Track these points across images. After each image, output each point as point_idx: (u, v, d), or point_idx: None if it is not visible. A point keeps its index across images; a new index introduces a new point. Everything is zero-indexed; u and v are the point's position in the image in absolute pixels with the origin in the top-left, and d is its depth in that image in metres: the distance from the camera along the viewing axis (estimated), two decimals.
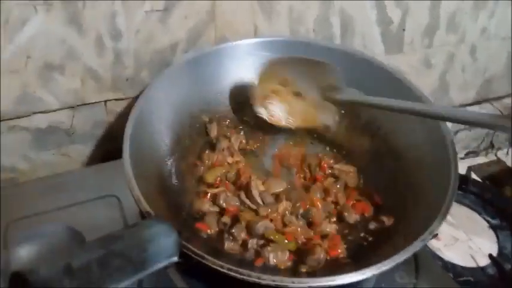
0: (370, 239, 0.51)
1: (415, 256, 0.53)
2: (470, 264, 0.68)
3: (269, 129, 0.61)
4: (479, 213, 0.77)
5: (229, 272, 0.38)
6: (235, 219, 0.50)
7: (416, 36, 0.77)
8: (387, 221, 0.52)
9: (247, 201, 0.51)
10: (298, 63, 0.57)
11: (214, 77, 0.61)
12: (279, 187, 0.54)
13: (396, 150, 0.57)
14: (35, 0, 0.49)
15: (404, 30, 0.74)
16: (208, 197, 0.52)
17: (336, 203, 0.54)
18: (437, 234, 0.68)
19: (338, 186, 0.56)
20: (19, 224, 0.52)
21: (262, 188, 0.53)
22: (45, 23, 0.51)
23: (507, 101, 0.97)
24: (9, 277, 0.31)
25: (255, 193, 0.51)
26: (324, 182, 0.57)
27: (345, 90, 0.56)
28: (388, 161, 0.57)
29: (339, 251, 0.48)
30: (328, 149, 0.61)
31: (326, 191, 0.55)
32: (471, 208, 0.77)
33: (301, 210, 0.52)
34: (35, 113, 0.57)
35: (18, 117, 0.57)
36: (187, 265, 0.40)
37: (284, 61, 0.57)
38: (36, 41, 0.52)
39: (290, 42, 0.63)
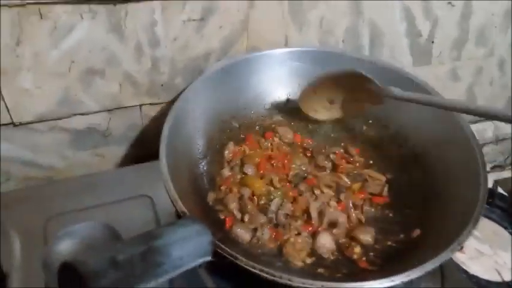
0: (398, 248, 0.51)
1: (441, 267, 0.53)
2: (495, 278, 0.67)
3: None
4: (505, 228, 0.76)
5: (261, 273, 0.39)
6: None
7: (445, 48, 0.77)
8: (414, 232, 0.52)
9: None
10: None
11: (244, 85, 0.63)
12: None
13: (424, 161, 0.58)
14: (82, 6, 0.52)
15: (433, 42, 0.75)
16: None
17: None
18: (462, 246, 0.68)
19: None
20: (57, 220, 0.54)
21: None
22: (90, 30, 0.54)
23: None
24: (59, 268, 0.33)
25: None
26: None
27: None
28: (416, 172, 0.58)
29: None
30: (356, 158, 0.62)
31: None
32: (497, 222, 0.77)
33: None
34: (74, 114, 0.60)
35: (59, 118, 0.60)
36: (217, 265, 0.42)
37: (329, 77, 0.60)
38: (80, 46, 0.55)
39: (320, 52, 0.65)
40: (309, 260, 0.48)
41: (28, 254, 0.50)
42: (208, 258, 0.40)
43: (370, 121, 0.64)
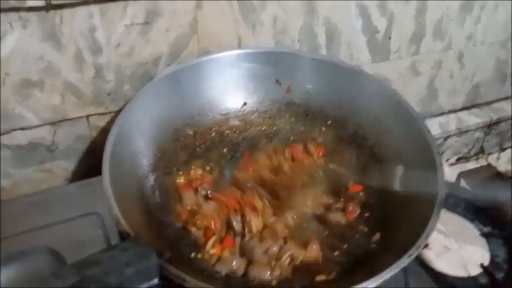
0: (357, 254, 0.49)
1: (405, 269, 0.52)
2: (462, 273, 0.67)
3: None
4: (471, 221, 0.76)
5: None
6: None
7: (403, 44, 0.76)
8: (374, 237, 0.51)
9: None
10: None
11: (198, 90, 0.60)
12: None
13: (383, 161, 0.57)
14: (10, 14, 0.48)
15: (390, 38, 0.74)
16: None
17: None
18: (427, 244, 0.68)
19: None
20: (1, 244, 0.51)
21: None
22: (22, 39, 0.50)
23: (496, 105, 0.97)
24: None
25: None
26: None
27: None
28: (376, 172, 0.56)
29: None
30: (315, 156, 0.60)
31: None
32: (462, 216, 0.76)
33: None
34: (14, 129, 0.56)
35: None
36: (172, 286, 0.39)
37: None
38: (13, 57, 0.51)
39: (275, 53, 0.63)
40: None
41: None
42: (155, 282, 0.38)
43: (329, 122, 0.62)
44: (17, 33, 0.49)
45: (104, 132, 0.62)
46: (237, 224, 0.49)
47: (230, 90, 0.62)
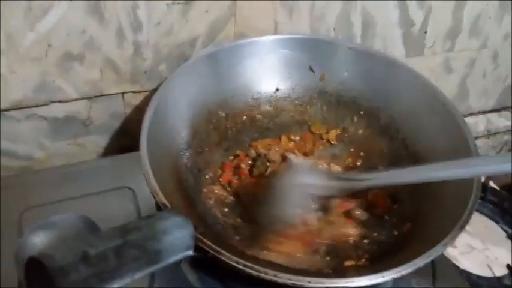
0: (387, 243, 0.49)
1: (433, 262, 0.52)
2: (487, 273, 0.66)
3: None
4: (497, 223, 0.75)
5: (245, 269, 0.37)
6: None
7: (438, 39, 0.75)
8: (403, 227, 0.50)
9: None
10: None
11: (232, 73, 0.60)
12: None
13: (416, 154, 0.56)
14: None
15: (426, 32, 0.73)
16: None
17: None
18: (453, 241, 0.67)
19: None
20: (33, 212, 0.52)
21: None
22: (68, 11, 0.51)
23: None
24: (25, 262, 0.31)
25: None
26: None
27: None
28: (407, 165, 0.56)
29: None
30: (345, 148, 0.60)
31: None
32: (489, 217, 0.76)
33: None
34: (53, 101, 0.57)
35: (37, 106, 0.57)
36: (201, 260, 0.40)
37: None
38: (57, 29, 0.52)
39: (311, 40, 0.62)
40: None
41: (1, 246, 0.48)
42: (190, 252, 0.38)
43: (362, 112, 0.62)
44: (63, 5, 0.50)
45: (138, 110, 0.63)
46: None
47: (264, 75, 0.62)
